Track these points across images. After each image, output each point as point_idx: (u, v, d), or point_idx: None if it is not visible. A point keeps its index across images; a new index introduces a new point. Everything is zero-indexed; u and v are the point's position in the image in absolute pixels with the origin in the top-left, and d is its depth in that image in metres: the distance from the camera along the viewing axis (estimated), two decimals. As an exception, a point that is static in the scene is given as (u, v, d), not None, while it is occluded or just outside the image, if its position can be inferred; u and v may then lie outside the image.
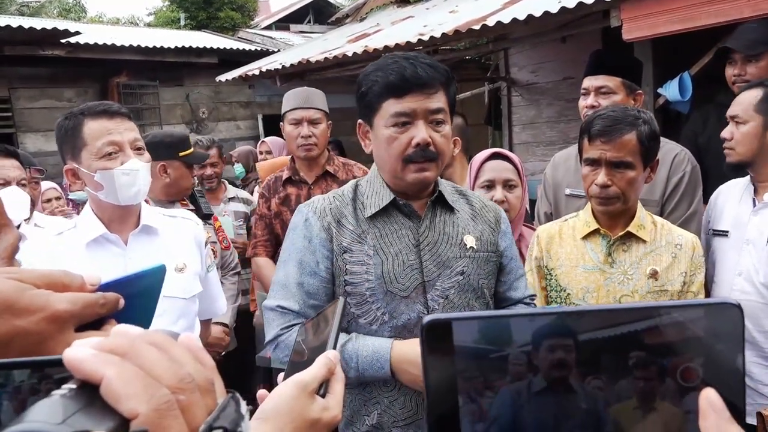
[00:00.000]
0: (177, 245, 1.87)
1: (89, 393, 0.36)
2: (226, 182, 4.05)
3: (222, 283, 2.78)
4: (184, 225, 1.94)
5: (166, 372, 0.39)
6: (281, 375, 0.75)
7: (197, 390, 0.40)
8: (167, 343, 0.41)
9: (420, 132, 1.40)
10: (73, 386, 0.37)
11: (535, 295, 1.73)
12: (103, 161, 1.67)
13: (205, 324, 2.12)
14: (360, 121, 1.52)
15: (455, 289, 1.49)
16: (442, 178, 1.62)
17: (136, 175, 1.70)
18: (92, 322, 0.57)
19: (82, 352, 0.38)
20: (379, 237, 1.49)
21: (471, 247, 1.51)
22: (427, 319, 0.46)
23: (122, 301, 0.60)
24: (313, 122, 2.74)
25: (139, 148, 1.75)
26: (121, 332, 0.42)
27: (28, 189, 3.40)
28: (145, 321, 0.67)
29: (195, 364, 0.42)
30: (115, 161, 1.68)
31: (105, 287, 0.60)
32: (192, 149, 2.93)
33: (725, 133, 2.10)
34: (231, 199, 3.82)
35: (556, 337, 0.45)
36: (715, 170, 2.65)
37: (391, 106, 1.42)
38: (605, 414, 0.44)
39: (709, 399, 0.42)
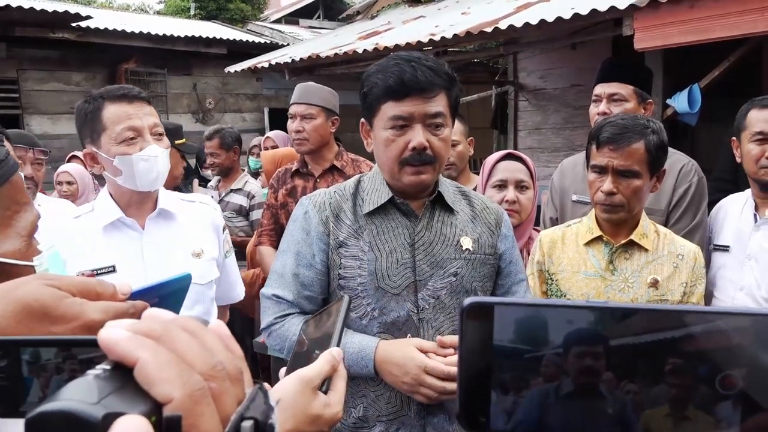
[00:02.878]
0: (194, 230, 1.86)
1: (123, 375, 0.36)
2: (246, 172, 4.04)
3: None
4: (201, 210, 1.92)
5: (199, 358, 0.39)
6: (283, 369, 0.75)
7: (228, 378, 0.40)
8: (199, 330, 0.41)
9: (417, 136, 1.40)
10: (107, 367, 0.36)
11: None
12: (122, 146, 1.66)
13: (223, 309, 2.11)
14: (362, 120, 1.54)
15: (447, 290, 1.48)
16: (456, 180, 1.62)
17: (155, 161, 1.69)
18: None
19: (117, 333, 0.37)
20: (376, 234, 1.50)
21: (467, 248, 1.51)
22: (468, 300, 0.45)
23: (149, 309, 0.62)
24: (305, 117, 2.76)
25: (158, 134, 1.73)
26: (154, 316, 0.41)
27: (32, 170, 3.41)
28: None
29: (226, 352, 0.42)
30: (134, 146, 1.67)
31: (134, 295, 0.62)
32: (184, 139, 2.97)
33: (756, 152, 2.07)
34: (235, 190, 3.81)
35: (594, 336, 0.44)
36: (747, 181, 2.64)
37: (389, 109, 1.42)
38: (636, 419, 0.44)
39: None
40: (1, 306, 0.54)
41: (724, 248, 2.13)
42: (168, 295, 0.70)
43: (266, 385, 0.55)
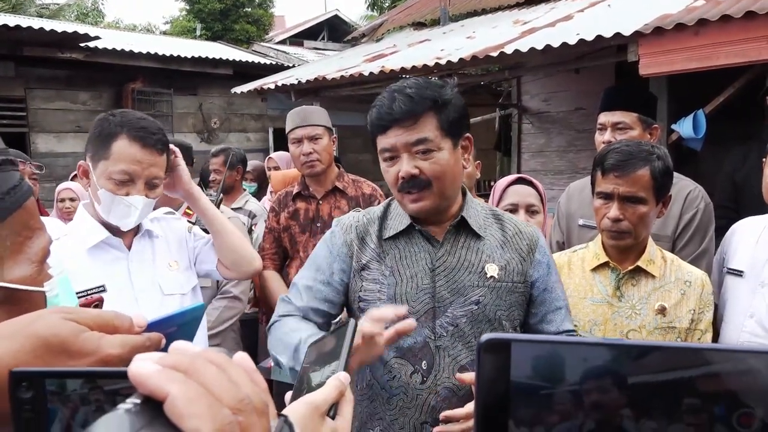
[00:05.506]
0: (166, 244, 1.90)
1: (152, 409, 0.37)
2: (247, 192, 4.08)
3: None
4: (168, 223, 1.96)
5: (227, 392, 0.39)
6: (289, 393, 0.74)
7: (255, 412, 0.41)
8: (225, 363, 0.42)
9: (403, 166, 1.42)
10: (137, 401, 0.37)
11: (574, 330, 1.64)
12: (111, 183, 1.67)
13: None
14: None
15: (467, 318, 1.46)
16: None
17: (135, 210, 1.70)
18: None
19: (147, 367, 0.38)
20: (398, 258, 1.50)
21: (492, 276, 1.48)
22: (485, 337, 0.45)
23: (164, 341, 0.63)
24: (312, 139, 2.76)
25: (154, 185, 1.74)
26: (181, 349, 0.42)
27: (30, 184, 3.43)
28: None
29: (251, 385, 0.42)
30: (122, 189, 1.67)
31: (149, 327, 0.63)
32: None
33: None
34: (236, 209, 3.82)
35: (611, 373, 0.44)
36: (749, 207, 2.63)
37: (380, 142, 1.46)
38: None
39: None
40: (20, 340, 0.54)
41: (738, 273, 2.10)
42: (182, 325, 0.70)
43: (291, 417, 0.55)
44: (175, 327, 0.67)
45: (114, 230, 1.76)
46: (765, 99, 2.82)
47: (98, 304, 1.26)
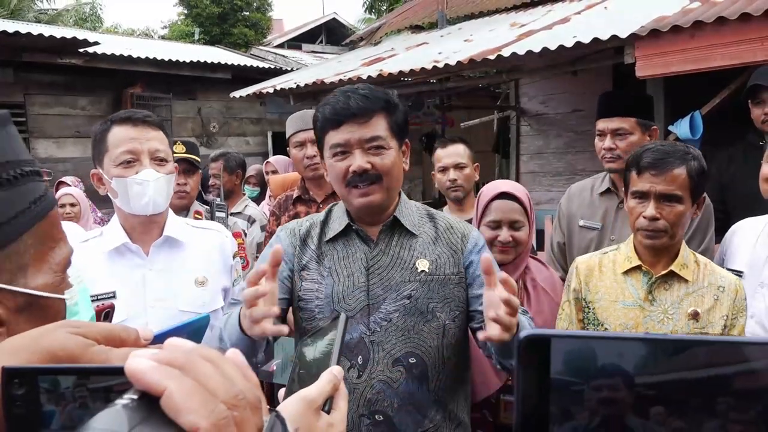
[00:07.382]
0: (201, 258, 1.85)
1: (149, 404, 0.37)
2: (246, 196, 4.08)
3: None
4: (211, 237, 1.92)
5: (221, 387, 0.40)
6: (282, 390, 0.75)
7: (248, 407, 0.41)
8: (219, 359, 0.43)
9: (356, 160, 1.48)
10: (134, 396, 0.38)
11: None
12: (119, 169, 1.68)
13: None
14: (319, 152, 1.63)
15: (399, 312, 1.52)
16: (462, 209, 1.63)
17: (147, 185, 1.68)
18: None
19: (144, 364, 0.39)
20: (336, 259, 1.57)
21: (422, 270, 1.54)
22: (524, 333, 0.44)
23: None
24: (314, 142, 2.77)
25: (159, 159, 1.73)
26: (176, 346, 0.43)
27: None
28: None
29: (244, 381, 0.43)
30: (130, 170, 1.68)
31: (156, 338, 0.63)
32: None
33: (763, 172, 2.09)
34: (235, 214, 3.84)
35: (651, 368, 0.43)
36: (736, 208, 2.65)
37: (330, 138, 1.52)
38: None
39: None
40: (27, 355, 0.53)
41: (737, 273, 2.11)
42: (187, 335, 0.71)
43: (284, 413, 0.56)
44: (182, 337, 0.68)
45: (134, 236, 1.76)
46: (747, 102, 2.83)
47: (109, 311, 1.27)
